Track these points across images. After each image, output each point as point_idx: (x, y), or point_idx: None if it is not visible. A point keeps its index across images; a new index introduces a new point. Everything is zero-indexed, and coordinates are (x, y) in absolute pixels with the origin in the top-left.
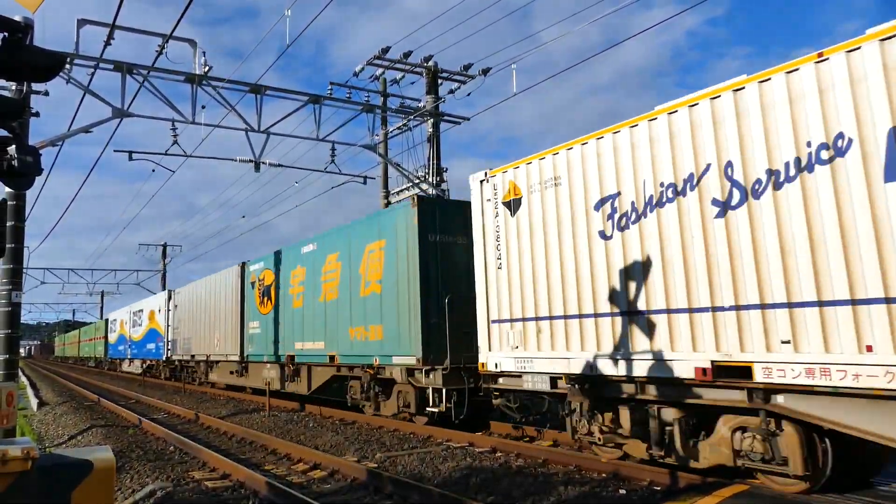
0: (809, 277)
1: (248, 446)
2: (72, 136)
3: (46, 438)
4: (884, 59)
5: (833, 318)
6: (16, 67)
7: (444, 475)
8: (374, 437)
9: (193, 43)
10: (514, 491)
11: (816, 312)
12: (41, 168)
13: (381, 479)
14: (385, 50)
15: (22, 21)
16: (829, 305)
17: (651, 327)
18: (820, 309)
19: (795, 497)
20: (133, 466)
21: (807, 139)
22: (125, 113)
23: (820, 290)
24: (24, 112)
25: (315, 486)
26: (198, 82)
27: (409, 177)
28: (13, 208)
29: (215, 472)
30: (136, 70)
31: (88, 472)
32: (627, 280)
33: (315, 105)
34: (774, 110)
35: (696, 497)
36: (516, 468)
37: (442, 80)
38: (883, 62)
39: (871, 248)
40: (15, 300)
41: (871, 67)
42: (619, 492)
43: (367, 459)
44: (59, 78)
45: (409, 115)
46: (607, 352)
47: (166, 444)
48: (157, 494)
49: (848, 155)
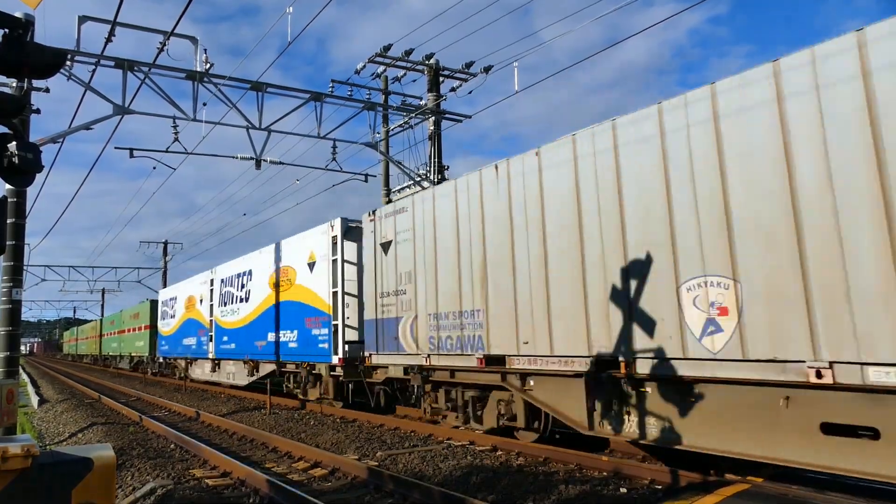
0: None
1: (248, 444)
2: (73, 133)
3: (47, 436)
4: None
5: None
6: (16, 64)
7: (444, 473)
8: (375, 435)
9: (195, 40)
10: (514, 489)
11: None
12: (42, 165)
13: (382, 478)
14: (387, 48)
15: (23, 17)
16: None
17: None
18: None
19: (797, 495)
20: (134, 464)
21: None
22: (126, 110)
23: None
24: (25, 109)
25: (316, 484)
26: (199, 79)
27: (410, 175)
28: (14, 205)
29: (216, 469)
30: (137, 67)
31: (89, 469)
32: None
33: (316, 102)
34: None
35: (698, 496)
36: (517, 466)
37: (443, 77)
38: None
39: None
40: (15, 297)
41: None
42: (620, 490)
43: (367, 458)
44: (60, 75)
45: (410, 112)
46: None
47: (167, 441)
48: (157, 492)
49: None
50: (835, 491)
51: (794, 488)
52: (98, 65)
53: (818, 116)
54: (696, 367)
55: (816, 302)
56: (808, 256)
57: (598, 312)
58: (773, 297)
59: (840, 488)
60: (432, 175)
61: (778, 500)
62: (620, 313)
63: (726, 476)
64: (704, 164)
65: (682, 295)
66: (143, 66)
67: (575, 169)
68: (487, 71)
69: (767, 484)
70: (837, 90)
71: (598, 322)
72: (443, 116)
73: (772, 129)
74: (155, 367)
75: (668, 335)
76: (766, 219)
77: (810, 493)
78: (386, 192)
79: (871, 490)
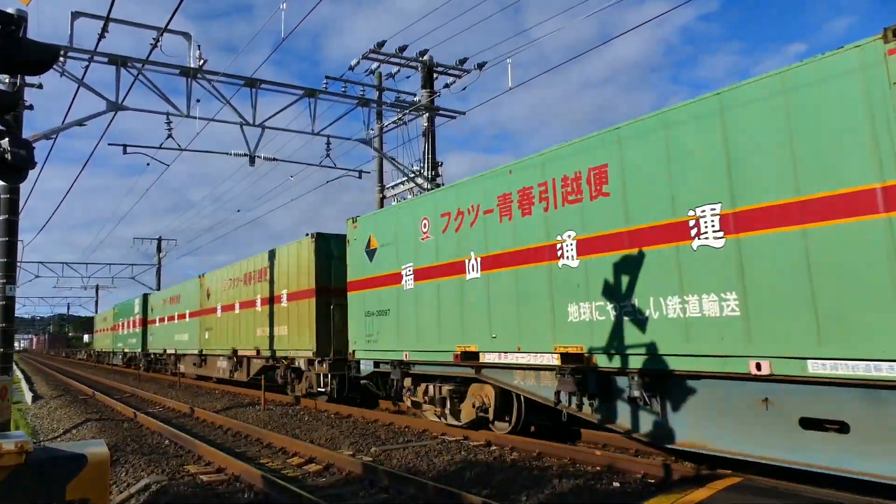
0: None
1: (243, 440)
2: (66, 130)
3: (41, 432)
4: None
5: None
6: (9, 60)
7: (439, 469)
8: (369, 430)
9: (188, 36)
10: (509, 484)
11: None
12: (35, 161)
13: (377, 473)
14: (380, 44)
15: (15, 13)
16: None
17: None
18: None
19: (788, 488)
20: (128, 460)
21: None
22: (120, 106)
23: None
24: (18, 105)
25: (310, 479)
26: (193, 76)
27: (404, 171)
28: (7, 202)
29: (210, 465)
30: (130, 63)
31: (83, 465)
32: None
33: (310, 99)
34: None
35: (690, 489)
36: (511, 461)
37: (437, 74)
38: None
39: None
40: (9, 294)
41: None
42: (613, 484)
43: (362, 453)
44: (54, 71)
45: (404, 109)
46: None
47: (161, 437)
48: (152, 488)
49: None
50: (824, 486)
51: (784, 483)
52: (91, 61)
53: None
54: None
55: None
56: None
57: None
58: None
59: (829, 482)
60: (426, 171)
61: (769, 494)
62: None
63: (718, 470)
64: None
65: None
66: (137, 63)
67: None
68: (481, 67)
69: (759, 477)
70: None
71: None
72: (437, 113)
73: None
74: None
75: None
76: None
77: (801, 486)
78: (380, 189)
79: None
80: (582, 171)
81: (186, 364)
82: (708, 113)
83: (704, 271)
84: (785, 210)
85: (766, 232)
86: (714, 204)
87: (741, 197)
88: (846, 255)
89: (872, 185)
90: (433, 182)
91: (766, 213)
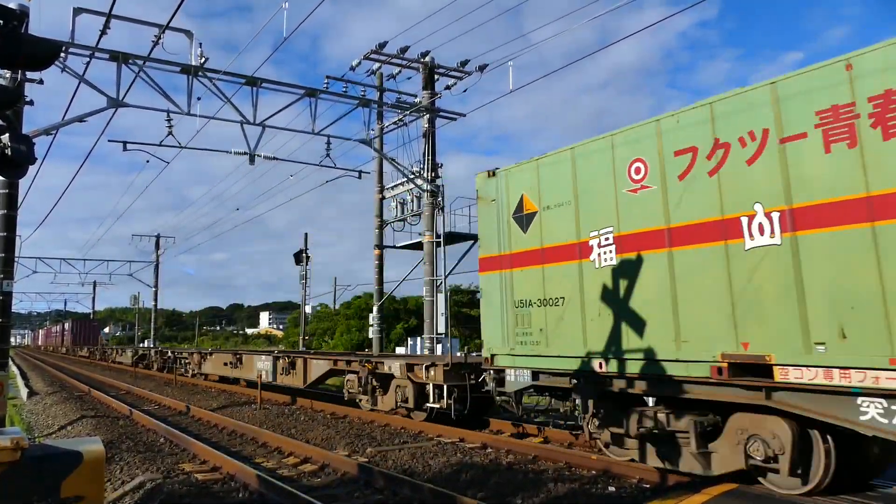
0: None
1: (238, 439)
2: (66, 126)
3: (36, 428)
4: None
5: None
6: (10, 56)
7: (434, 470)
8: (365, 431)
9: (190, 34)
10: (504, 487)
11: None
12: (35, 157)
13: (372, 474)
14: (382, 45)
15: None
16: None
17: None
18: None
19: (782, 496)
20: (123, 458)
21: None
22: (120, 103)
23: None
24: (19, 100)
25: (305, 479)
26: (194, 73)
27: (404, 172)
28: (6, 197)
29: (206, 464)
30: (131, 60)
31: (78, 462)
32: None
33: (311, 98)
34: None
35: (685, 495)
36: (507, 464)
37: (438, 75)
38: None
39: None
40: (6, 289)
41: None
42: (608, 489)
43: (357, 454)
44: (55, 67)
45: (405, 110)
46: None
47: (157, 435)
48: (146, 486)
49: None
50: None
51: (780, 490)
52: (93, 57)
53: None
54: None
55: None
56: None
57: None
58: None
59: (826, 489)
60: (426, 173)
61: (764, 501)
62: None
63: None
64: None
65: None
66: (138, 60)
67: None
68: (483, 69)
69: (754, 484)
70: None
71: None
72: (437, 114)
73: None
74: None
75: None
76: None
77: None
78: (380, 189)
79: (873, 491)
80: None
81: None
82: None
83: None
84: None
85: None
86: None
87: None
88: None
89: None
90: (432, 183)
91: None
